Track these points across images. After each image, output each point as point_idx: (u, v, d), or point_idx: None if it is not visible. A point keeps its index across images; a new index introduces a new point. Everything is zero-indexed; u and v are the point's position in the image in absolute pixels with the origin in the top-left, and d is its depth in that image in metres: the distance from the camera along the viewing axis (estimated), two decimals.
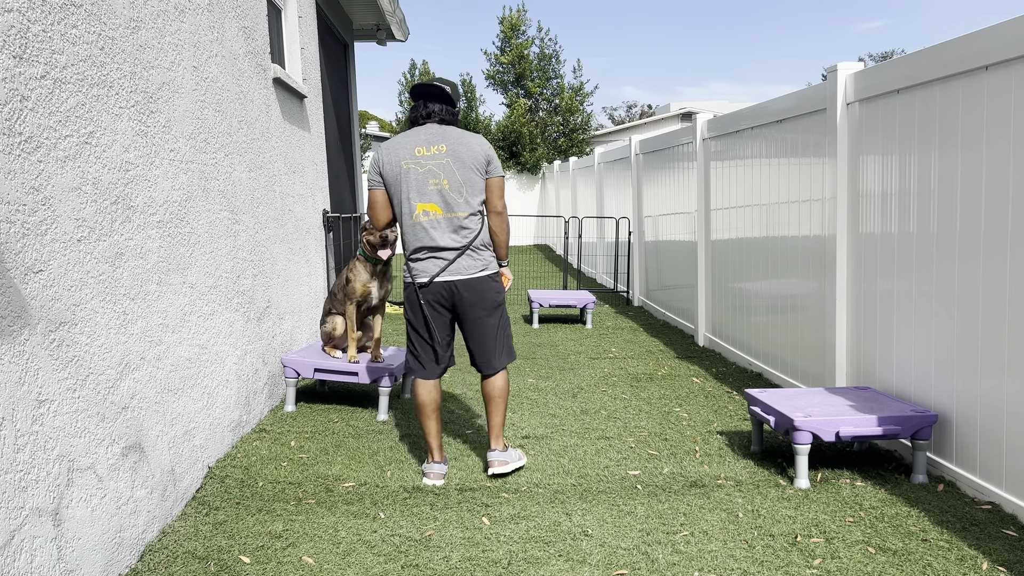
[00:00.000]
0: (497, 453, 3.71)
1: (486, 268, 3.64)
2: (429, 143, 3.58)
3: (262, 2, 5.10)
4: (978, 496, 3.39)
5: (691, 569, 2.81)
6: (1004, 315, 3.22)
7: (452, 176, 3.54)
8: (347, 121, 9.01)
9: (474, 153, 3.58)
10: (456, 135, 3.59)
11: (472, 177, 3.57)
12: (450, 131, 3.61)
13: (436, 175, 3.55)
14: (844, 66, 4.36)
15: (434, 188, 3.55)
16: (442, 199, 3.55)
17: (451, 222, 3.56)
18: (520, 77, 20.83)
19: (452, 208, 3.55)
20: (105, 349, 2.78)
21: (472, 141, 3.60)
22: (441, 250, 3.58)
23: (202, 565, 2.85)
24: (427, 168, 3.56)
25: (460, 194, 3.55)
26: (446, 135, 3.59)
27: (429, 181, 3.55)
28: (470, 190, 3.57)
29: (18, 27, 2.35)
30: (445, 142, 3.57)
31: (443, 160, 3.56)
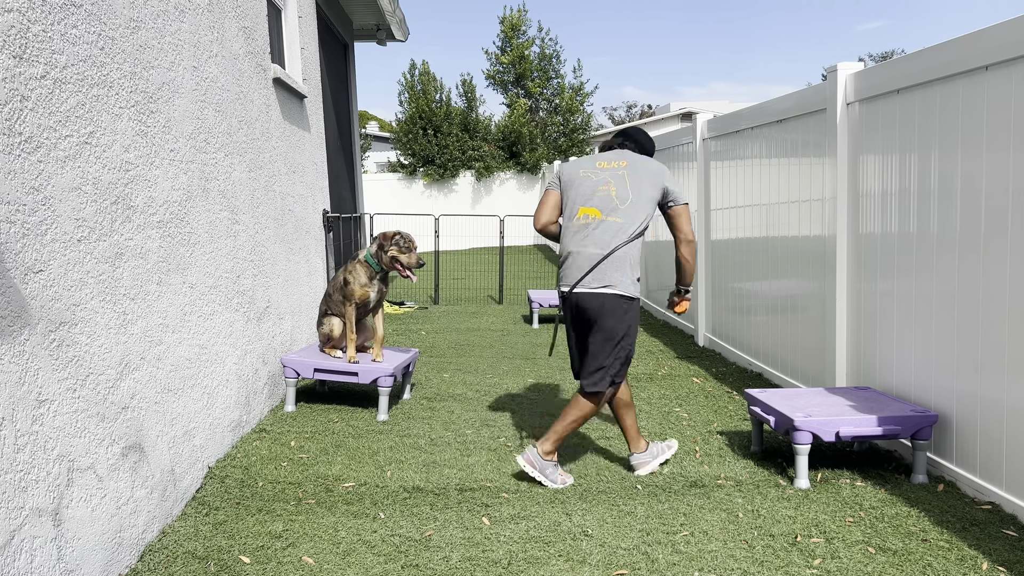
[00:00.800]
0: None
1: (612, 286, 3.53)
2: (612, 159, 3.69)
3: (262, 2, 5.10)
4: (978, 496, 3.39)
5: (691, 569, 2.81)
6: (1004, 315, 3.22)
7: (622, 184, 3.58)
8: (347, 121, 9.01)
9: (652, 170, 3.62)
10: (641, 159, 3.68)
11: (644, 188, 3.57)
12: (637, 155, 3.71)
13: (607, 182, 3.61)
14: (844, 66, 4.36)
15: (601, 193, 3.59)
16: (603, 203, 3.57)
17: (604, 225, 3.55)
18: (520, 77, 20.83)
19: (610, 212, 3.55)
20: (105, 349, 2.78)
21: (655, 164, 3.67)
22: (584, 256, 3.56)
23: (202, 565, 2.85)
24: (601, 177, 3.64)
25: (624, 201, 3.56)
26: (632, 157, 3.69)
27: (599, 187, 3.61)
28: (636, 201, 3.56)
29: (18, 27, 2.35)
30: (628, 160, 3.67)
31: (620, 172, 3.63)
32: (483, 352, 6.71)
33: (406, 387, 5.21)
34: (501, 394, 5.27)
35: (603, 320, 3.54)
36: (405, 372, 5.11)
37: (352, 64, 9.33)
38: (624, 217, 3.56)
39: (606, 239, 3.54)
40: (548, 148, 20.13)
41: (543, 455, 3.60)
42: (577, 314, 3.63)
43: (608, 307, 3.53)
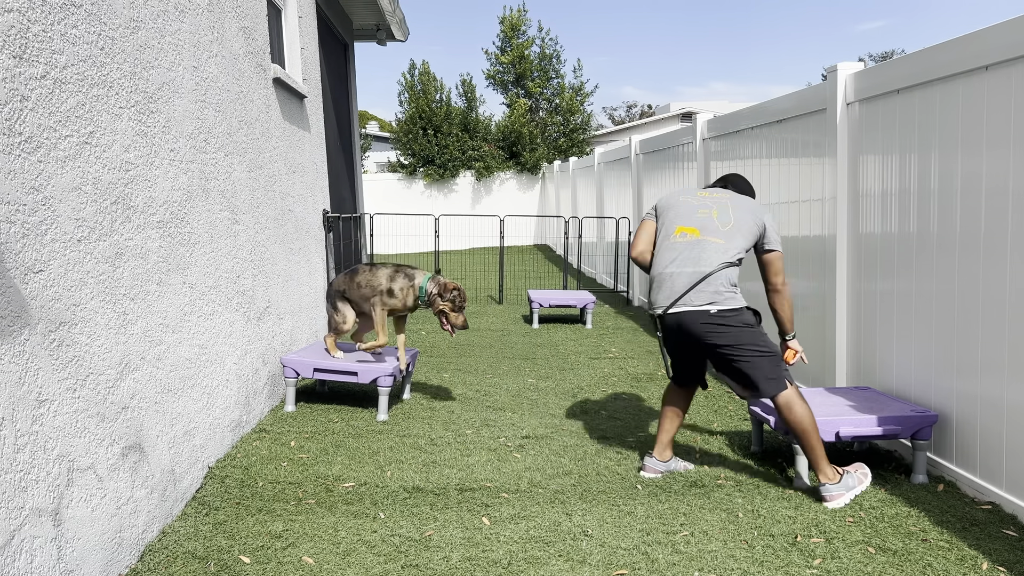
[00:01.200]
0: (828, 486, 3.38)
1: (716, 302, 3.43)
2: (715, 191, 3.70)
3: (262, 2, 5.10)
4: (978, 496, 3.39)
5: (691, 569, 2.81)
6: (1004, 315, 3.22)
7: (724, 211, 3.55)
8: (347, 121, 9.01)
9: (754, 206, 3.59)
10: (743, 196, 3.67)
11: (745, 218, 3.52)
12: (738, 193, 3.71)
13: (708, 207, 3.59)
14: (844, 66, 4.36)
15: (702, 215, 3.57)
16: (704, 224, 3.54)
17: (703, 245, 3.48)
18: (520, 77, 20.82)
19: (710, 233, 3.50)
20: (105, 349, 2.78)
21: (756, 203, 3.65)
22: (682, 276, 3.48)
23: (202, 565, 2.85)
24: (703, 202, 3.62)
25: (725, 224, 3.52)
26: (733, 193, 3.70)
27: (699, 210, 3.59)
28: (737, 227, 3.51)
29: (18, 27, 2.35)
30: (729, 194, 3.66)
31: (723, 200, 3.61)
32: (483, 352, 6.71)
33: (406, 387, 5.21)
34: (501, 394, 5.27)
35: (721, 338, 3.42)
36: (405, 372, 5.11)
37: (352, 64, 9.33)
38: (726, 239, 3.49)
39: (705, 257, 3.46)
40: (548, 148, 20.13)
41: (832, 483, 3.37)
42: (680, 335, 3.54)
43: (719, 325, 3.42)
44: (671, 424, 3.78)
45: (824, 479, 3.37)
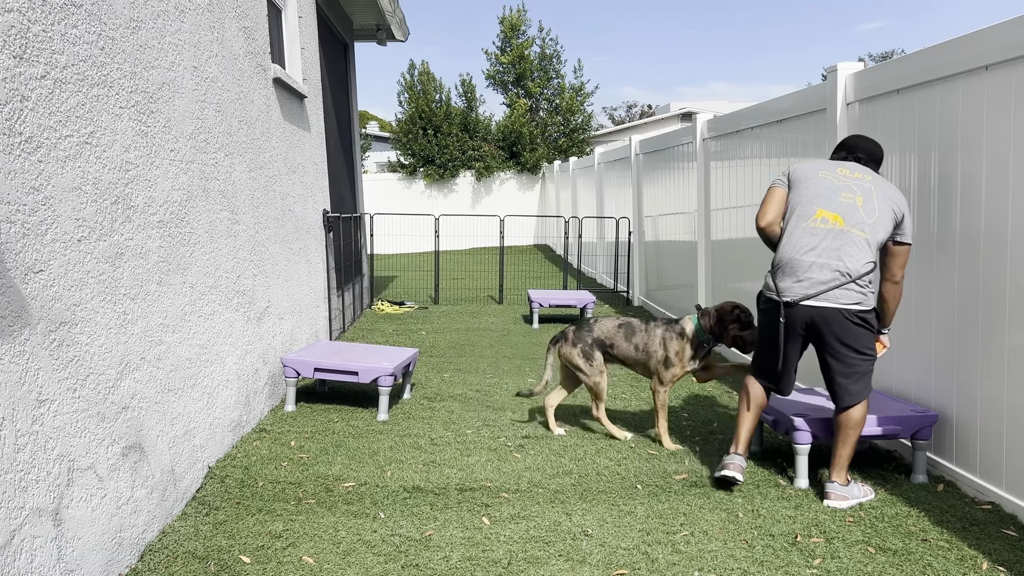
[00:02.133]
0: (836, 486, 3.37)
1: (861, 303, 3.31)
2: (855, 169, 3.46)
3: (262, 2, 5.10)
4: (978, 496, 3.39)
5: (691, 569, 2.81)
6: (1004, 315, 3.22)
7: (869, 199, 3.33)
8: (347, 121, 9.01)
9: (896, 196, 3.37)
10: (885, 180, 3.45)
11: (887, 211, 3.31)
12: (878, 175, 3.47)
13: (852, 191, 3.36)
14: (844, 66, 4.36)
15: (846, 200, 3.34)
16: (848, 212, 3.32)
17: (847, 237, 3.30)
18: (520, 77, 20.82)
19: (855, 224, 3.30)
20: (105, 349, 2.78)
21: (897, 191, 3.42)
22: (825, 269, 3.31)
23: (202, 565, 2.85)
24: (845, 183, 3.37)
25: (870, 215, 3.30)
26: (875, 175, 3.45)
27: (842, 193, 3.35)
28: (881, 220, 3.30)
29: (18, 27, 2.35)
30: (871, 175, 3.43)
31: (866, 184, 3.37)
32: (483, 352, 6.71)
33: (406, 387, 5.21)
34: (501, 394, 5.27)
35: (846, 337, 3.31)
36: (405, 372, 5.11)
37: (352, 64, 9.33)
38: (870, 233, 3.30)
39: (850, 253, 3.29)
40: (548, 148, 20.13)
41: (842, 484, 3.38)
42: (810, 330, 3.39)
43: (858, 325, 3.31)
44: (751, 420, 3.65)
45: (836, 478, 3.39)
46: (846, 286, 3.29)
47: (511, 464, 3.89)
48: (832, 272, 3.30)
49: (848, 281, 3.28)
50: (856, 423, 3.40)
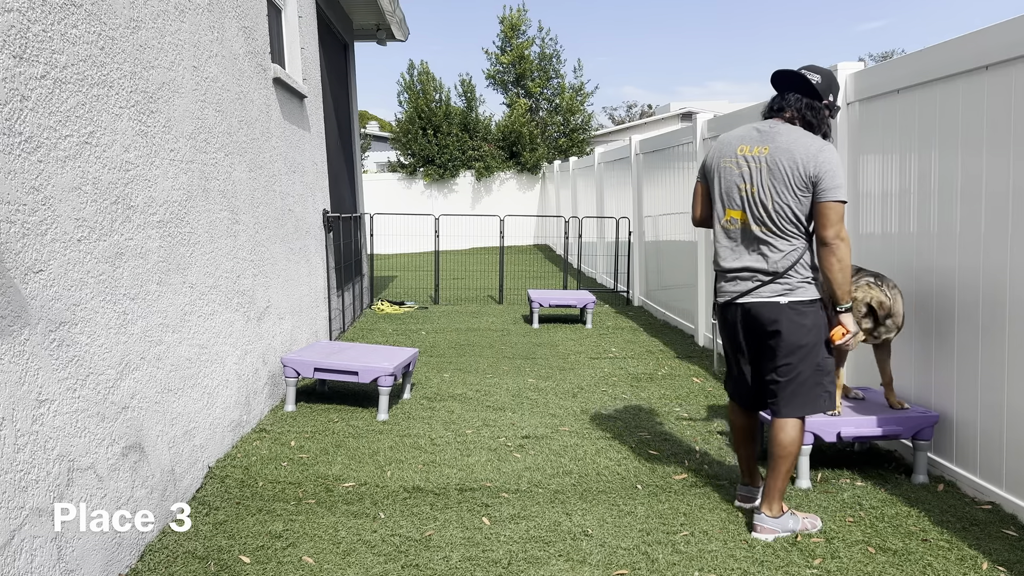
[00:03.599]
0: (763, 516, 3.07)
1: (790, 292, 2.98)
2: (756, 142, 3.04)
3: (262, 2, 5.10)
4: (978, 496, 3.39)
5: (691, 569, 2.81)
6: (1004, 315, 3.22)
7: (762, 185, 2.98)
8: (347, 121, 9.01)
9: (794, 163, 2.92)
10: (789, 139, 2.97)
11: (783, 191, 2.93)
12: (787, 132, 2.99)
13: (748, 177, 3.01)
14: (844, 66, 4.36)
15: (743, 192, 3.03)
16: (751, 208, 3.01)
17: (752, 238, 3.02)
18: (520, 77, 20.81)
19: (755, 222, 3.00)
20: (105, 349, 2.78)
21: (801, 149, 2.93)
22: (736, 274, 3.07)
23: (202, 565, 2.85)
24: (742, 169, 3.03)
25: (764, 208, 2.98)
26: (779, 136, 2.99)
27: (741, 184, 3.04)
28: (778, 207, 2.95)
29: (18, 27, 2.35)
30: (772, 143, 2.99)
31: (761, 164, 2.99)
32: (483, 352, 6.71)
33: (406, 387, 5.21)
34: (501, 394, 5.27)
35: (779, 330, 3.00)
36: (405, 372, 5.11)
37: (352, 64, 9.33)
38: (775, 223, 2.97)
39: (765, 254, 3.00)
40: (548, 148, 20.13)
41: (769, 515, 3.07)
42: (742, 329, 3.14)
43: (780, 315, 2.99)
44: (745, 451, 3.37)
45: (765, 509, 3.07)
46: (770, 284, 3.00)
47: (511, 464, 3.89)
48: (752, 275, 3.03)
49: (770, 281, 2.99)
50: (783, 447, 3.04)
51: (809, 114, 3.06)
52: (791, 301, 2.99)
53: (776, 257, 2.99)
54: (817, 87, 3.07)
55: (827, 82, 3.10)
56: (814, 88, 3.06)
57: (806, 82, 3.06)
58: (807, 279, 3.01)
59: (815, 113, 3.07)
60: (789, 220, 2.97)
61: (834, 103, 3.14)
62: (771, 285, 3.01)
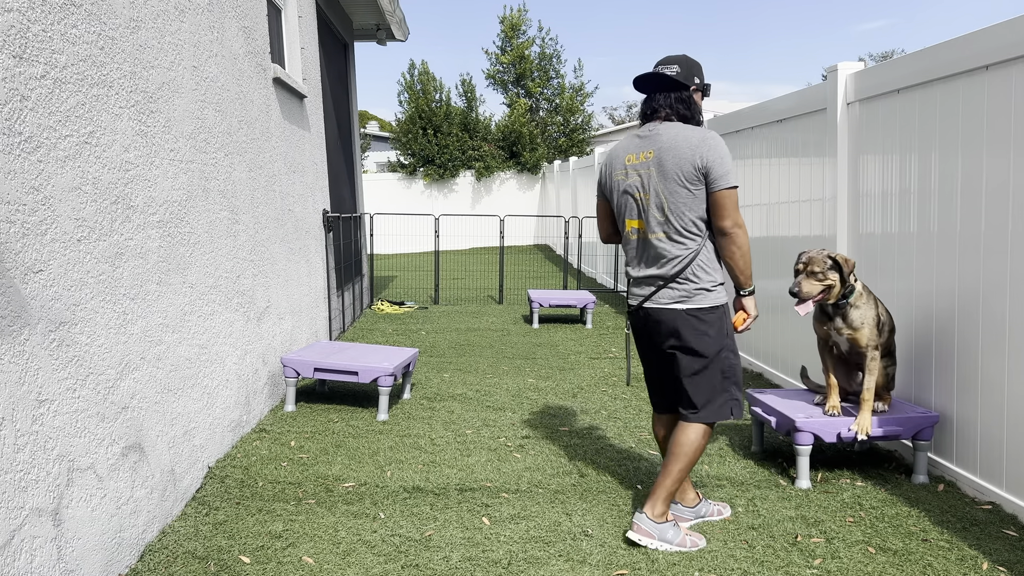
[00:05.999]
0: (643, 517, 2.99)
1: (688, 299, 2.93)
2: (640, 148, 2.99)
3: (262, 2, 5.10)
4: (978, 496, 3.39)
5: (691, 569, 2.81)
6: (1004, 315, 3.22)
7: (654, 189, 2.93)
8: (347, 121, 9.01)
9: (680, 160, 2.87)
10: (670, 136, 2.92)
11: (676, 190, 2.88)
12: (667, 131, 2.94)
13: (640, 185, 2.97)
14: (844, 66, 4.36)
15: (637, 200, 2.99)
16: (643, 215, 2.98)
17: (651, 245, 2.97)
18: (521, 77, 20.82)
19: (652, 227, 2.96)
20: (105, 349, 2.78)
21: (684, 144, 2.88)
22: (641, 281, 3.04)
23: (202, 565, 2.85)
24: (632, 179, 3.00)
25: (661, 210, 2.92)
26: (659, 137, 2.94)
27: (633, 195, 3.00)
28: (673, 207, 2.89)
29: (18, 27, 2.35)
30: (655, 146, 2.94)
31: (650, 169, 2.95)
32: (483, 352, 6.71)
33: (406, 387, 5.21)
34: (501, 394, 5.27)
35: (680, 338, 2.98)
36: (405, 372, 5.11)
37: (352, 64, 9.33)
38: (666, 227, 2.94)
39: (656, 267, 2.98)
40: (548, 148, 20.13)
41: (651, 519, 2.99)
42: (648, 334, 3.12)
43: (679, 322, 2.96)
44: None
45: (648, 509, 2.98)
46: (666, 289, 2.96)
47: (511, 464, 3.89)
48: (652, 281, 3.00)
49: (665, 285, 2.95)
50: (681, 446, 2.97)
51: (681, 107, 3.00)
52: (690, 308, 2.93)
53: (672, 262, 2.94)
54: (678, 77, 3.01)
55: (686, 68, 3.04)
56: (676, 81, 2.99)
57: (666, 78, 2.98)
58: (704, 286, 2.93)
59: (687, 105, 3.01)
60: (685, 221, 2.90)
61: (702, 83, 3.09)
62: (667, 290, 2.95)
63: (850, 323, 3.56)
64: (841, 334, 3.61)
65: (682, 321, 2.95)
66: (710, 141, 2.87)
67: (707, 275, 2.93)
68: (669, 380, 3.15)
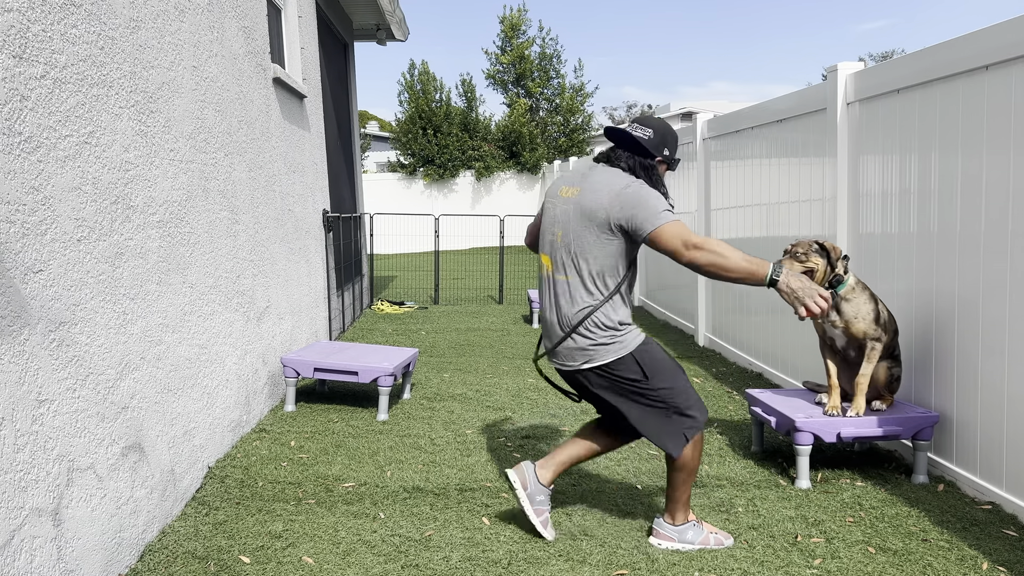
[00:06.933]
0: (661, 522, 2.98)
1: (592, 358, 2.80)
2: (574, 183, 2.87)
3: (262, 2, 5.10)
4: (978, 496, 3.39)
5: (691, 569, 2.81)
6: (1004, 315, 3.22)
7: (567, 229, 2.81)
8: (347, 121, 9.01)
9: (597, 204, 2.72)
10: (601, 180, 2.78)
11: (585, 236, 2.74)
12: (600, 173, 2.81)
13: (560, 221, 2.84)
14: (844, 66, 4.36)
15: (555, 236, 2.86)
16: (554, 255, 2.87)
17: (558, 285, 2.84)
18: (521, 77, 20.82)
19: (558, 268, 2.84)
20: (105, 349, 2.78)
21: (604, 190, 2.73)
22: (548, 329, 2.92)
23: (202, 565, 2.85)
24: (556, 213, 2.87)
25: (568, 251, 2.80)
26: (590, 177, 2.82)
27: (554, 227, 2.87)
28: (580, 252, 2.76)
29: (18, 27, 2.35)
30: (584, 183, 2.81)
31: (569, 207, 2.82)
32: (483, 352, 6.71)
33: (406, 387, 5.21)
34: (501, 394, 5.27)
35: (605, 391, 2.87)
36: (405, 372, 5.11)
37: (352, 64, 9.33)
38: (575, 274, 2.79)
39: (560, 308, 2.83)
40: (548, 148, 20.13)
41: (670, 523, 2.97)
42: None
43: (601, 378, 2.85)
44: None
45: (669, 518, 2.96)
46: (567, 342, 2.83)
47: (511, 464, 3.89)
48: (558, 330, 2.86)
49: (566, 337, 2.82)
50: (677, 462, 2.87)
51: (642, 174, 2.81)
52: (596, 367, 2.80)
53: (573, 309, 2.79)
54: (647, 144, 2.83)
55: (659, 136, 2.86)
56: (643, 146, 2.82)
57: (635, 140, 2.83)
58: (602, 341, 2.77)
59: (648, 172, 2.82)
60: (592, 269, 2.75)
61: (670, 158, 2.90)
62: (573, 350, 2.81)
63: (843, 315, 3.61)
64: (835, 327, 3.66)
65: (595, 378, 2.84)
66: (633, 187, 2.71)
67: (603, 331, 2.77)
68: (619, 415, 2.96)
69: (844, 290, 3.60)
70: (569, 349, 2.84)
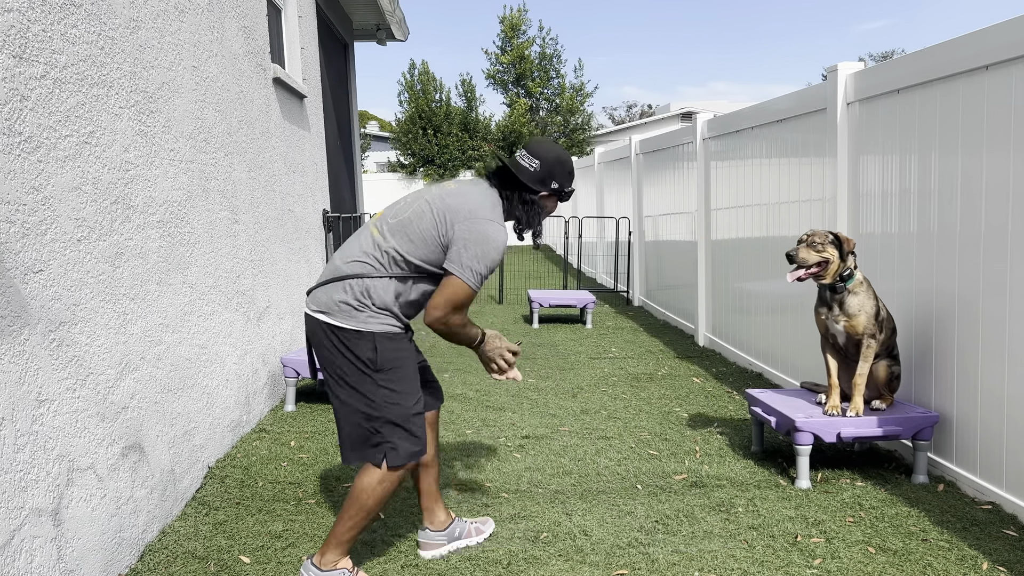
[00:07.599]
0: (309, 565, 2.59)
1: (335, 313, 2.52)
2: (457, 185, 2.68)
3: (262, 2, 5.10)
4: (978, 496, 3.39)
5: (691, 569, 2.81)
6: (1004, 315, 3.22)
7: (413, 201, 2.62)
8: (347, 121, 9.01)
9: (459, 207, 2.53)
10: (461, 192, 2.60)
11: (426, 218, 2.55)
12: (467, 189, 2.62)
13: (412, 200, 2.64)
14: (844, 66, 4.36)
15: (400, 206, 2.64)
16: (389, 213, 2.64)
17: (361, 233, 2.63)
18: (521, 77, 20.84)
19: (376, 221, 2.63)
20: (105, 349, 2.78)
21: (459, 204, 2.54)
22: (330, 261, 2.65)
23: (202, 565, 2.85)
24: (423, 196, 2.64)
25: (397, 215, 2.60)
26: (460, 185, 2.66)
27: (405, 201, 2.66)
28: (405, 226, 2.55)
29: (18, 27, 2.35)
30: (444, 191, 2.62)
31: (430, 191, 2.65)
32: None
33: None
34: (501, 394, 5.27)
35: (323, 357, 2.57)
36: None
37: (352, 64, 9.33)
38: (385, 233, 2.56)
39: (352, 250, 2.58)
40: None
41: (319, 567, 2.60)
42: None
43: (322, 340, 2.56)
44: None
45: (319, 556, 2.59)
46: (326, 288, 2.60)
47: (511, 464, 3.89)
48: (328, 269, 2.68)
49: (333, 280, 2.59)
50: (354, 490, 2.56)
51: (520, 210, 2.62)
52: (332, 324, 2.51)
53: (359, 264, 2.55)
54: (529, 177, 2.61)
55: (547, 168, 2.62)
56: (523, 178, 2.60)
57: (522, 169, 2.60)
58: (356, 307, 2.51)
59: (526, 208, 2.62)
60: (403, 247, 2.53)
61: (560, 191, 2.66)
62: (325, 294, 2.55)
63: (846, 310, 3.62)
64: (838, 323, 3.66)
65: (321, 335, 2.54)
66: (478, 224, 2.49)
67: (364, 305, 2.51)
68: None
69: (852, 284, 3.62)
70: (322, 299, 2.56)
